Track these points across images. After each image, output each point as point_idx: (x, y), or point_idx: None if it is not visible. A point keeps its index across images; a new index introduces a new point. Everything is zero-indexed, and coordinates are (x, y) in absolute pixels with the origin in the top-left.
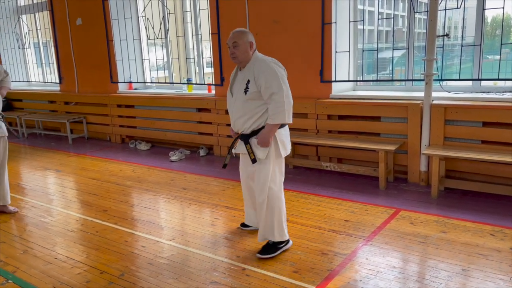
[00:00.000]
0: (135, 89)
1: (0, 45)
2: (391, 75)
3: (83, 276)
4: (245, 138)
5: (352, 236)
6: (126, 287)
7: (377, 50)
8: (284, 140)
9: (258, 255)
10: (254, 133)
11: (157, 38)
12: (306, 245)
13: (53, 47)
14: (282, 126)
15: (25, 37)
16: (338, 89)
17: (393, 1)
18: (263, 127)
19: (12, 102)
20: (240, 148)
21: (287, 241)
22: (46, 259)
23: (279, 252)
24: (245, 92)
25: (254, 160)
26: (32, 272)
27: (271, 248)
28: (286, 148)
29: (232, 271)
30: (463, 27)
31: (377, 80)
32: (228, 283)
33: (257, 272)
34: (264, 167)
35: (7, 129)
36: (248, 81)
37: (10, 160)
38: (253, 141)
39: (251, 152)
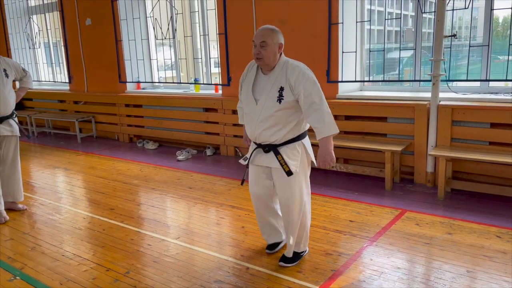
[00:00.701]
0: (143, 88)
1: (11, 44)
2: (400, 76)
3: (89, 273)
4: (274, 149)
5: (357, 237)
6: (131, 285)
7: (384, 50)
8: (310, 148)
9: (282, 263)
10: (286, 142)
11: (165, 38)
12: (311, 245)
13: (63, 47)
14: (306, 133)
15: (35, 37)
16: (345, 90)
17: (401, 1)
18: (295, 137)
19: (23, 101)
20: (263, 160)
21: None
22: (53, 256)
23: (300, 259)
24: (279, 100)
25: (289, 173)
26: (39, 268)
27: (296, 257)
28: (312, 156)
29: (236, 270)
30: (471, 28)
31: (383, 81)
32: (232, 282)
33: (261, 272)
34: (297, 180)
35: (19, 128)
36: (282, 88)
37: (20, 159)
38: (284, 151)
39: (284, 164)
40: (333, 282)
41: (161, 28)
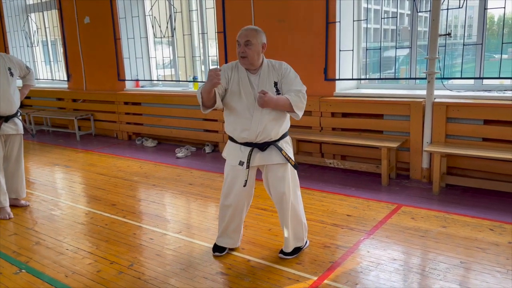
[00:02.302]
0: (142, 86)
1: (9, 43)
2: (397, 74)
3: (94, 266)
4: (274, 144)
5: (354, 230)
6: (135, 276)
7: (380, 49)
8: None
9: (282, 255)
10: (280, 138)
11: (164, 37)
12: (309, 238)
13: (61, 45)
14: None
15: (33, 35)
16: (342, 87)
17: (397, 0)
18: (286, 132)
19: None
20: (263, 159)
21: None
22: (57, 250)
23: (301, 251)
24: (277, 95)
25: (296, 166)
26: (44, 262)
27: (296, 249)
28: None
29: (237, 262)
30: (465, 26)
31: (379, 79)
32: (233, 273)
33: (262, 263)
34: (290, 174)
35: (23, 127)
36: (276, 83)
37: None
38: (282, 145)
39: (289, 158)
40: (331, 273)
41: (160, 27)
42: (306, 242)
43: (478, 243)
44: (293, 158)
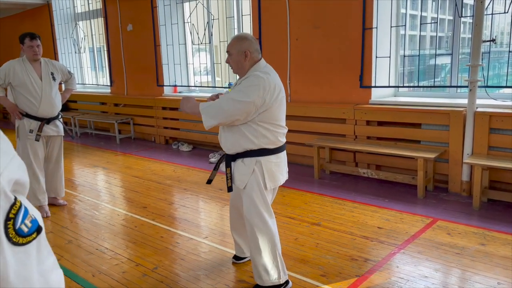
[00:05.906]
0: (180, 92)
1: (58, 49)
2: (443, 82)
3: (120, 267)
4: (228, 159)
5: (384, 244)
6: (158, 280)
7: (418, 56)
8: (273, 170)
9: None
10: (239, 155)
11: (202, 43)
12: (336, 250)
13: (105, 52)
14: (273, 152)
15: (81, 42)
16: (378, 95)
17: (438, 5)
18: (252, 151)
19: (68, 102)
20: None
21: (286, 283)
22: (88, 250)
23: None
24: None
25: (230, 188)
26: (75, 260)
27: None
28: (275, 180)
29: None
30: (510, 33)
31: (417, 86)
32: (254, 282)
33: None
34: (250, 197)
35: (64, 129)
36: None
37: (64, 157)
38: (238, 164)
39: (229, 178)
40: (356, 287)
41: (197, 33)
42: (280, 286)
43: None
44: (247, 181)
